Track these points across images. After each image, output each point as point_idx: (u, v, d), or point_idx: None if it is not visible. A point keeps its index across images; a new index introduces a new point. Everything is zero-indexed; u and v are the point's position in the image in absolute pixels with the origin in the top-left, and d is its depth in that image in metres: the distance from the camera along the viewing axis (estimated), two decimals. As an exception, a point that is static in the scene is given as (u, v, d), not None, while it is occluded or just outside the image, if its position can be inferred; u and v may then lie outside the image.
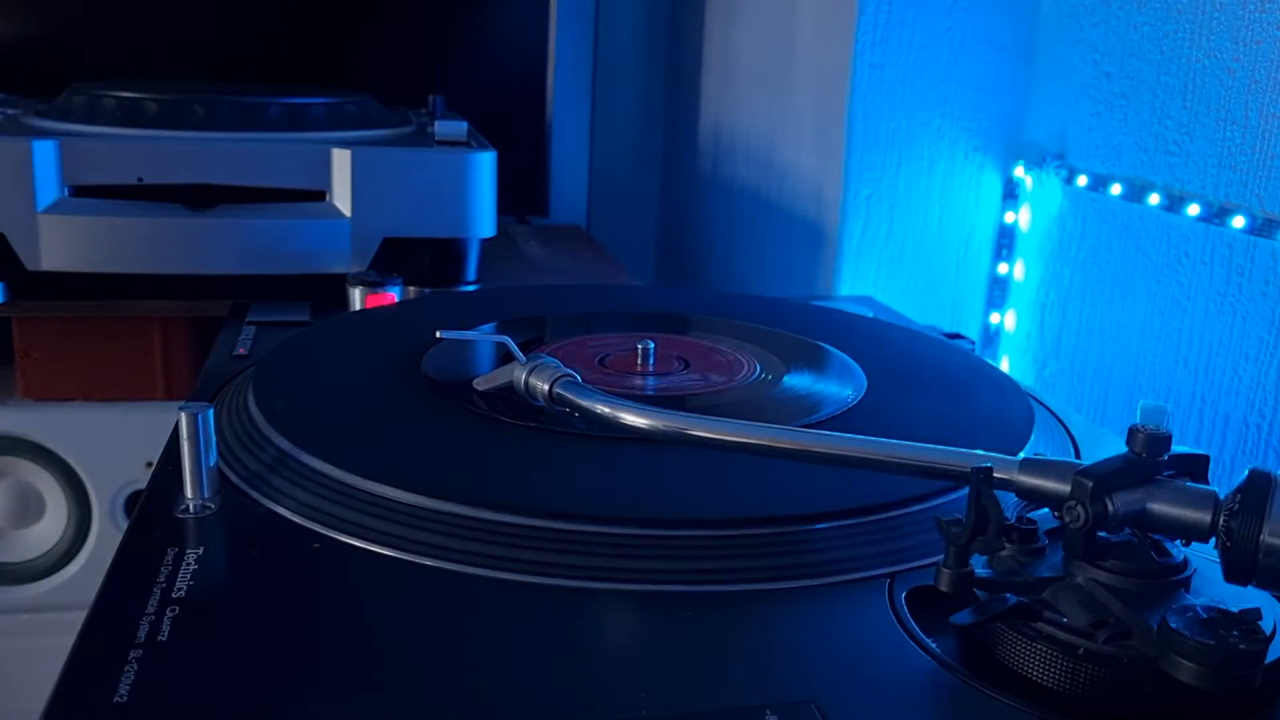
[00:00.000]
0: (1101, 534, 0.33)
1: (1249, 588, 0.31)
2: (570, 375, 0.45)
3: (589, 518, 0.38)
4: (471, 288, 0.80)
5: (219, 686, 0.30)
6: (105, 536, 0.77)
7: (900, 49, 0.87)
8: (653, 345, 0.56)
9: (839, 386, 0.53)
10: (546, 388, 0.45)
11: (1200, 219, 0.72)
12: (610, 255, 1.08)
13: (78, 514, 0.77)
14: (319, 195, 0.76)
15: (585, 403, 0.43)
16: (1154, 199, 0.76)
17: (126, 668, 0.30)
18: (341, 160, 0.75)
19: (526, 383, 0.46)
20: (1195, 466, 0.34)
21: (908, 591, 0.36)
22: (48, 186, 0.71)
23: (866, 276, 0.91)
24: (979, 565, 0.33)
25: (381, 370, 0.53)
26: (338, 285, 0.71)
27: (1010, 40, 0.89)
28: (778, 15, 1.02)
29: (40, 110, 0.82)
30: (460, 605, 0.35)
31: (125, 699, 0.29)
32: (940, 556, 0.33)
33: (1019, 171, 0.91)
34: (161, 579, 0.35)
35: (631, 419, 0.41)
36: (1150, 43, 0.77)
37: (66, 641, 0.32)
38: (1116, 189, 0.79)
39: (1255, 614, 0.30)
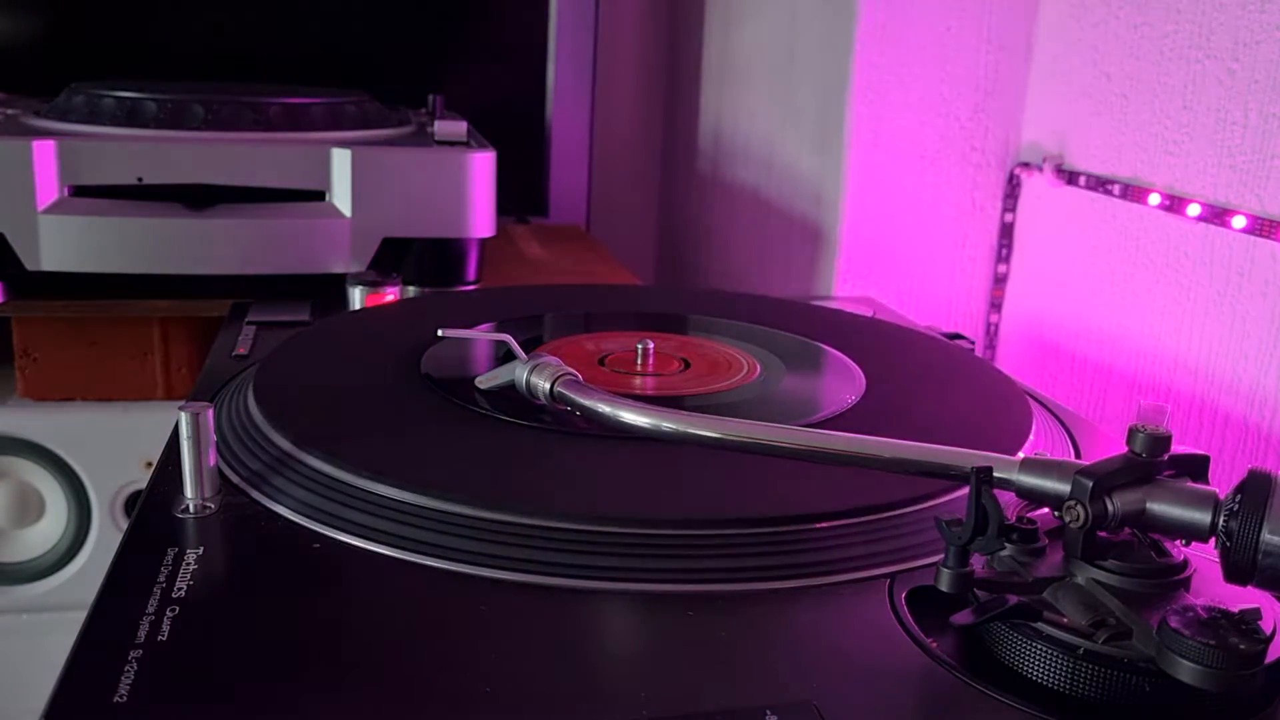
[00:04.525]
0: (1101, 534, 0.33)
1: (1249, 588, 0.31)
2: (572, 374, 0.45)
3: (589, 517, 0.38)
4: (471, 288, 0.80)
5: (219, 686, 0.30)
6: (105, 536, 0.77)
7: (900, 49, 0.87)
8: (653, 345, 0.56)
9: (839, 386, 0.53)
10: (548, 386, 0.45)
11: (1200, 219, 0.72)
12: (610, 255, 1.08)
13: (78, 514, 0.77)
14: (319, 195, 0.76)
15: (586, 402, 0.43)
16: (1154, 199, 0.76)
17: (126, 668, 0.30)
18: (341, 160, 0.75)
19: (528, 381, 0.46)
20: (1195, 466, 0.34)
21: (908, 591, 0.36)
22: (48, 186, 0.71)
23: (866, 276, 0.91)
24: (979, 565, 0.33)
25: (381, 370, 0.53)
26: (338, 285, 0.71)
27: (1009, 40, 0.89)
28: (778, 15, 1.02)
29: (40, 110, 0.82)
30: (460, 605, 0.35)
31: (125, 699, 0.29)
32: (940, 556, 0.33)
33: (1018, 171, 0.91)
34: (161, 579, 0.35)
35: (632, 418, 0.41)
36: (1150, 43, 0.77)
37: (66, 641, 0.32)
38: (1116, 189, 0.79)
39: (1255, 614, 0.30)
